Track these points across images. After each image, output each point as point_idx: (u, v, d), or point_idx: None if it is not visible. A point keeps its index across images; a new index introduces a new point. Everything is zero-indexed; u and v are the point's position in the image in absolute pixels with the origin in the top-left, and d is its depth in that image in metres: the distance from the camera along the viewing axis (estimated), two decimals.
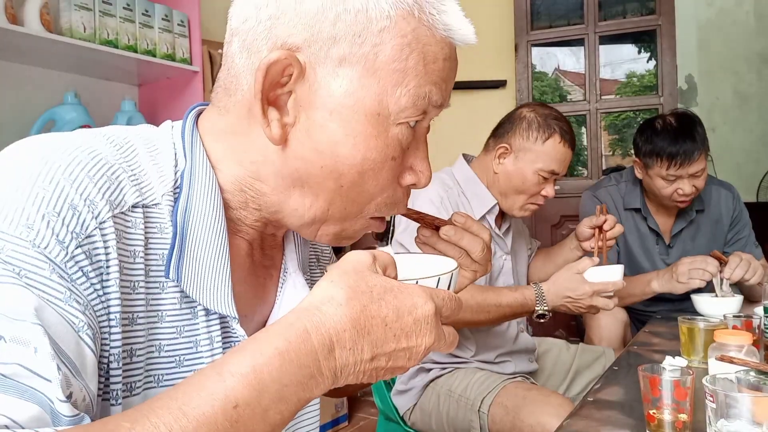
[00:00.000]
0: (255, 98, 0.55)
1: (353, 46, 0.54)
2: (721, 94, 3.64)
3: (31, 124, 1.83)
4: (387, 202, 0.61)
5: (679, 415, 0.78)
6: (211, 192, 0.58)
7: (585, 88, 3.24)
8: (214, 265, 0.57)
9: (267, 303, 0.68)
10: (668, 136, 1.76)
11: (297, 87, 0.55)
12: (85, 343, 0.45)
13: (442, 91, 0.59)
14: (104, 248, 0.49)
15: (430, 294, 0.50)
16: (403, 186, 0.62)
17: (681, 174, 1.75)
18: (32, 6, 1.72)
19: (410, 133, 0.59)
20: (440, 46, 0.58)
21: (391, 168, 0.59)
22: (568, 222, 3.18)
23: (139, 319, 0.52)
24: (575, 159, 4.07)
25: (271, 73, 0.54)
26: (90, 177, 0.50)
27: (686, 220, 1.94)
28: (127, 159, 0.55)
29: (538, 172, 1.53)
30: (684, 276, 1.61)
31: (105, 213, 0.50)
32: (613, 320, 1.89)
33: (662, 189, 1.81)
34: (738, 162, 3.45)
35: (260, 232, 0.65)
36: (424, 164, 0.62)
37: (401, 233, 1.53)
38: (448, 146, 1.95)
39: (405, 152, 0.60)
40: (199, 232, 0.56)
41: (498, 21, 3.23)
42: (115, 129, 0.59)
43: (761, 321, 1.16)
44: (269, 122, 0.56)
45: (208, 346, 0.57)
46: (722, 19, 3.64)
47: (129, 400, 0.51)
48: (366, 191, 0.59)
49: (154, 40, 2.01)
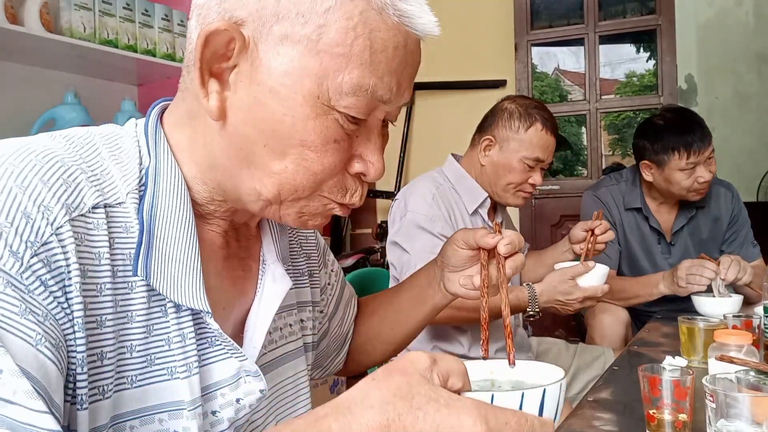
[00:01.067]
0: (194, 66, 0.54)
1: (296, 25, 0.52)
2: (720, 94, 3.64)
3: (31, 124, 1.83)
4: (339, 187, 0.59)
5: (679, 415, 0.78)
6: (176, 187, 0.57)
7: (585, 87, 3.24)
8: (183, 260, 0.56)
9: (247, 295, 0.67)
10: (677, 129, 1.78)
11: (241, 61, 0.54)
12: (45, 356, 0.44)
13: (390, 86, 0.56)
14: (63, 254, 0.48)
15: (485, 414, 0.40)
16: (351, 173, 0.60)
17: (699, 160, 1.77)
18: (32, 6, 1.72)
19: (354, 124, 0.56)
20: (392, 33, 0.54)
21: (335, 151, 0.56)
22: (568, 222, 3.18)
23: (107, 322, 0.51)
24: (575, 159, 4.08)
25: (214, 44, 0.53)
26: (44, 182, 0.49)
27: (687, 216, 1.94)
28: (87, 159, 0.54)
29: (522, 161, 1.55)
30: (683, 281, 1.62)
31: (61, 218, 0.48)
32: (615, 320, 1.89)
33: (682, 182, 1.81)
34: (738, 162, 3.45)
35: (231, 221, 0.65)
36: (375, 156, 0.59)
37: (395, 233, 1.53)
38: (448, 146, 1.95)
39: (353, 139, 0.58)
40: (166, 228, 0.55)
41: (498, 21, 3.23)
42: (76, 130, 0.58)
43: (761, 321, 1.16)
44: (208, 93, 0.55)
45: (180, 343, 0.56)
46: (722, 19, 3.64)
47: (100, 403, 0.50)
48: (313, 174, 0.56)
49: (153, 40, 2.01)
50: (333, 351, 0.92)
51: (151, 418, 0.54)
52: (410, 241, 1.48)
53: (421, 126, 3.44)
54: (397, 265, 1.52)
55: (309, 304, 0.80)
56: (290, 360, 0.74)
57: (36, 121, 1.83)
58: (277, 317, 0.71)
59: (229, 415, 0.59)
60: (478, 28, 3.26)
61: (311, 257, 0.83)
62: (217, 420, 0.59)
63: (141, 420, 0.53)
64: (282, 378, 0.72)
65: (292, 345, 0.74)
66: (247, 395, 0.60)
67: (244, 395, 0.60)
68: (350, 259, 3.07)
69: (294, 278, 0.77)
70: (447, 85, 3.30)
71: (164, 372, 0.55)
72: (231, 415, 0.59)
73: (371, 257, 3.16)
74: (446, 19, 2.58)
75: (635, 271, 1.96)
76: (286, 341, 0.73)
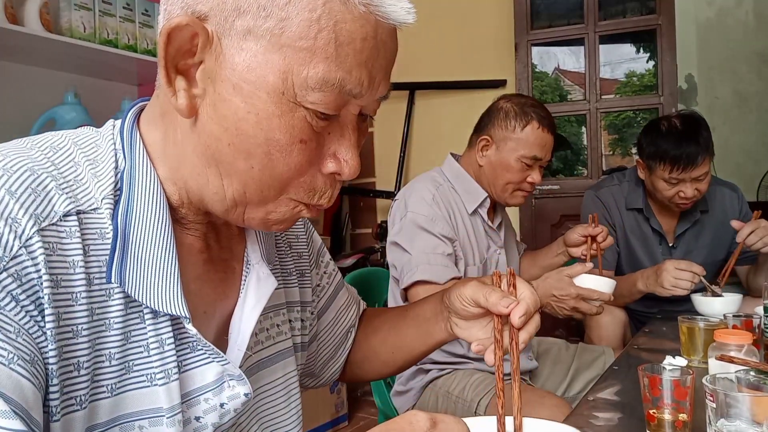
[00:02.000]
0: (159, 65, 0.52)
1: (258, 19, 0.50)
2: (720, 94, 3.64)
3: (31, 124, 1.83)
4: (306, 188, 0.57)
5: (679, 415, 0.78)
6: (152, 190, 0.56)
7: (585, 87, 3.24)
8: (159, 265, 0.54)
9: (230, 298, 0.65)
10: (672, 139, 1.75)
11: (206, 57, 0.52)
12: (18, 374, 0.43)
13: (360, 79, 0.53)
14: (34, 266, 0.47)
15: None
16: (324, 173, 0.57)
17: (684, 178, 1.74)
18: (32, 6, 1.72)
19: (324, 120, 0.54)
20: (359, 23, 0.52)
21: (302, 151, 0.54)
22: (568, 222, 3.18)
23: (83, 331, 0.50)
24: (575, 159, 4.08)
25: (177, 40, 0.51)
26: (11, 193, 0.48)
27: (690, 221, 1.93)
28: (58, 166, 0.53)
29: (520, 159, 1.55)
30: (668, 283, 1.60)
31: (29, 229, 0.47)
32: (613, 320, 1.89)
33: (664, 191, 1.81)
34: (738, 162, 3.45)
35: (209, 224, 0.63)
36: (349, 153, 0.56)
37: (396, 234, 1.53)
38: (448, 146, 1.94)
39: (324, 137, 0.56)
40: (142, 232, 0.54)
41: (498, 21, 3.23)
42: (49, 135, 0.57)
43: (761, 321, 1.16)
44: (176, 92, 0.53)
45: (158, 349, 0.55)
46: (722, 19, 3.64)
47: (75, 414, 0.49)
48: (278, 174, 0.54)
49: (154, 40, 2.01)
50: (325, 357, 0.89)
51: (131, 425, 0.53)
52: (410, 242, 1.48)
53: (421, 126, 3.44)
54: (397, 265, 1.52)
55: (298, 303, 0.78)
56: (279, 361, 0.72)
57: (36, 121, 1.83)
58: (264, 318, 0.70)
59: (213, 420, 0.58)
60: (478, 28, 3.25)
61: (302, 256, 0.81)
62: (201, 426, 0.58)
63: (121, 427, 0.53)
64: (271, 379, 0.71)
65: (280, 345, 0.73)
66: (231, 400, 0.59)
67: (228, 400, 0.59)
68: (350, 259, 3.07)
69: (282, 278, 0.75)
70: (447, 85, 3.29)
71: (143, 379, 0.54)
72: (215, 420, 0.58)
73: (371, 257, 3.16)
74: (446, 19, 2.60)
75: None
76: (274, 342, 0.72)
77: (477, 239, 1.61)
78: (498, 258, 1.66)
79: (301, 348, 0.79)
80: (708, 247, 1.93)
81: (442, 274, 1.44)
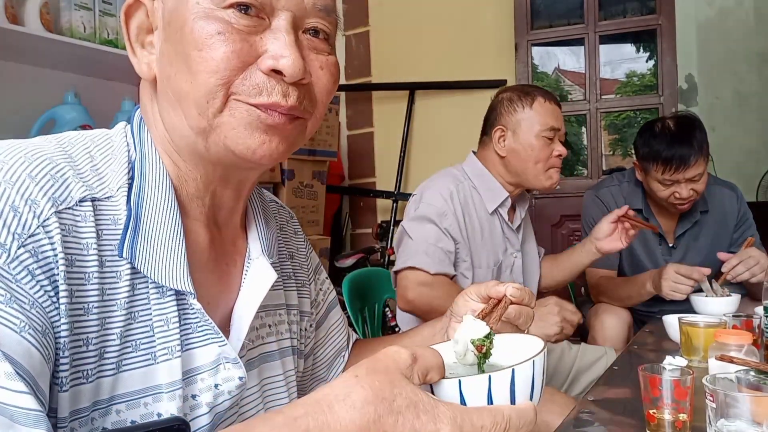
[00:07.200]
0: (125, 41, 0.61)
1: None
2: (721, 94, 3.64)
3: (31, 124, 1.83)
4: (249, 86, 0.57)
5: (679, 415, 0.78)
6: (160, 176, 0.60)
7: (585, 87, 3.24)
8: (168, 243, 0.58)
9: (232, 290, 0.68)
10: (665, 141, 1.76)
11: (155, 21, 0.60)
12: (29, 342, 0.46)
13: None
14: (50, 244, 0.50)
15: (461, 423, 0.43)
16: (263, 70, 0.57)
17: (677, 179, 1.75)
18: (32, 6, 1.73)
19: (246, 16, 0.56)
20: None
21: (222, 42, 0.55)
22: (568, 221, 3.18)
23: (93, 309, 0.53)
24: (575, 159, 4.08)
25: (138, 18, 0.61)
26: (32, 177, 0.52)
27: (690, 221, 1.93)
28: (75, 158, 0.57)
29: (540, 135, 1.57)
30: (667, 288, 1.62)
31: (47, 210, 0.51)
32: (617, 320, 1.89)
33: (659, 192, 1.82)
34: (738, 161, 3.45)
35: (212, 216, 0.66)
36: (285, 50, 0.57)
37: (406, 221, 1.56)
38: (448, 146, 1.95)
39: (254, 38, 0.57)
40: (152, 214, 0.58)
41: (498, 21, 3.23)
42: (69, 132, 0.62)
43: (761, 321, 1.16)
44: (140, 62, 0.61)
45: (163, 327, 0.58)
46: (722, 19, 3.64)
47: (82, 387, 0.52)
48: (207, 72, 0.56)
49: None
50: (320, 376, 0.90)
51: (136, 402, 0.55)
52: (416, 229, 1.50)
53: (421, 126, 3.44)
54: (396, 247, 1.56)
55: (295, 308, 0.80)
56: (279, 358, 0.74)
57: (36, 121, 1.83)
58: (265, 314, 0.73)
59: (208, 400, 0.60)
60: (478, 28, 3.25)
61: (302, 267, 0.85)
62: (197, 404, 0.60)
63: (127, 404, 0.55)
64: (272, 374, 0.73)
65: (282, 343, 0.75)
66: (225, 381, 0.61)
67: (222, 381, 0.61)
68: (350, 259, 3.07)
69: (281, 279, 0.78)
70: (447, 85, 3.29)
71: (148, 357, 0.56)
72: (209, 400, 0.60)
73: (371, 257, 3.16)
74: (446, 19, 2.61)
75: (638, 272, 1.96)
76: (275, 339, 0.74)
77: (493, 240, 1.61)
78: (514, 262, 1.67)
79: (298, 353, 0.81)
80: (708, 247, 1.93)
81: (435, 266, 1.45)
